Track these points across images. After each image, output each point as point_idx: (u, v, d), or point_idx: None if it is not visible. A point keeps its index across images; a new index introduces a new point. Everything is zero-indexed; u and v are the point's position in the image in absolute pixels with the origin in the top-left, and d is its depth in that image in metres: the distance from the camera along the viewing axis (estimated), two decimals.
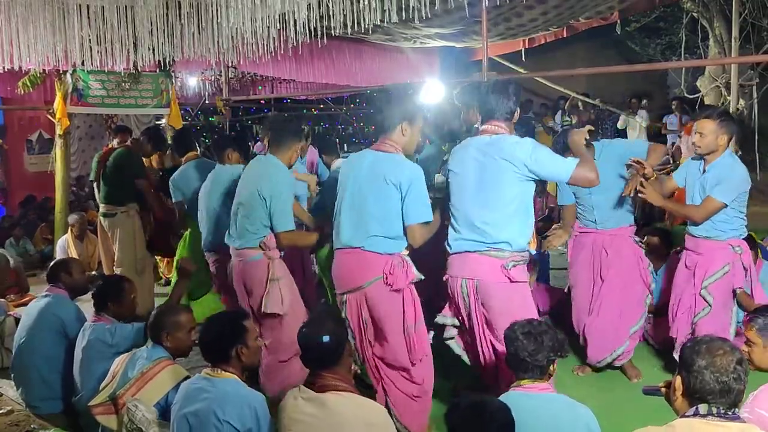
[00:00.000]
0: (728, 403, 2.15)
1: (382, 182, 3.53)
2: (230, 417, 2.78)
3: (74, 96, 7.87)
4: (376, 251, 3.54)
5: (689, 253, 4.36)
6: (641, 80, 13.54)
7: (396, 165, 3.55)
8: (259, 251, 4.06)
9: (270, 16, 4.65)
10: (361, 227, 3.56)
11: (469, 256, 3.48)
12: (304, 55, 9.29)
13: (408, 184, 3.49)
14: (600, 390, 4.52)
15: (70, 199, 8.89)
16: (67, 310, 4.33)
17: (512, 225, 3.42)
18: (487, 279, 3.43)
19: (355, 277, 3.59)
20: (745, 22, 9.99)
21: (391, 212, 3.53)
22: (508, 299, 3.43)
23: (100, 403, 3.38)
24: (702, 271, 4.23)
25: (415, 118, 3.65)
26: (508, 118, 3.57)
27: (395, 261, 3.55)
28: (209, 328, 3.06)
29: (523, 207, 3.47)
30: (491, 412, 2.45)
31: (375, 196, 3.55)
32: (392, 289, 3.54)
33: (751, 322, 2.91)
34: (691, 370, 2.18)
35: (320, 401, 2.75)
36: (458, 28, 7.54)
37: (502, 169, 3.41)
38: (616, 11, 8.34)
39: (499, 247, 3.41)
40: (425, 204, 3.56)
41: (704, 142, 4.12)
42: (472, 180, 3.50)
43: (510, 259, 3.40)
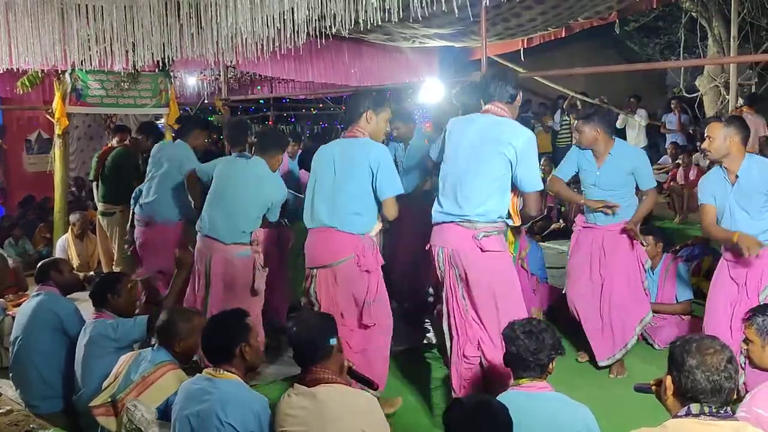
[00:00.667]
0: (720, 401, 2.14)
1: (353, 164, 3.82)
2: (232, 419, 2.76)
3: (73, 96, 7.87)
4: (349, 231, 3.80)
5: (733, 265, 4.13)
6: (640, 80, 13.54)
7: (364, 145, 3.86)
8: (247, 247, 4.50)
9: (269, 15, 4.64)
10: (336, 208, 3.83)
11: (445, 226, 3.66)
12: (303, 54, 9.28)
13: (377, 162, 3.79)
14: (599, 389, 4.52)
15: (68, 200, 8.89)
16: (62, 306, 4.33)
17: (489, 201, 3.57)
18: (459, 247, 3.59)
19: (327, 255, 3.85)
20: (743, 21, 9.99)
21: (365, 191, 3.81)
22: (482, 268, 3.57)
23: (101, 404, 3.38)
24: (755, 281, 4.04)
25: (379, 107, 3.95)
26: (509, 101, 3.71)
27: (366, 243, 3.83)
28: (213, 327, 3.04)
29: (504, 186, 3.61)
30: (490, 412, 2.45)
31: (348, 177, 3.83)
32: (362, 270, 3.80)
33: (750, 321, 2.92)
34: (681, 369, 2.17)
35: (311, 394, 2.77)
36: (457, 29, 7.54)
37: (496, 149, 3.56)
38: (615, 11, 8.34)
39: (472, 218, 3.56)
40: (395, 178, 3.86)
41: (714, 145, 4.06)
42: (466, 154, 3.64)
43: (481, 230, 3.55)
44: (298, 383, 2.85)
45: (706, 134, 4.15)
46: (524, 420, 2.65)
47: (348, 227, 3.80)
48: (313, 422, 2.73)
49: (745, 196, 4.04)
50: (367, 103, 3.93)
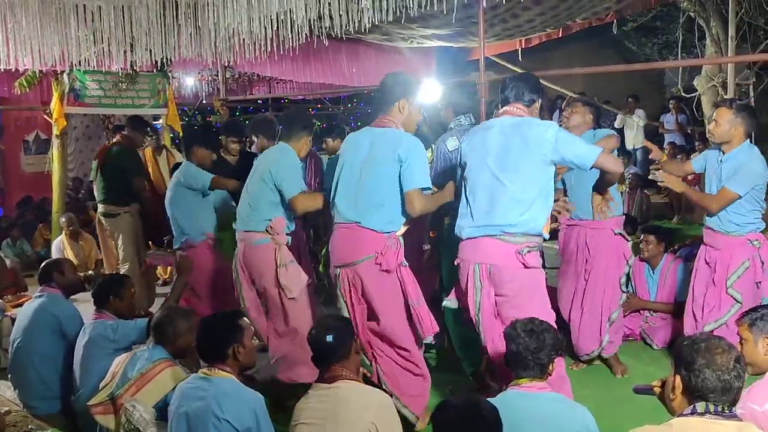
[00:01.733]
0: (728, 400, 2.15)
1: (382, 156, 3.57)
2: (229, 416, 2.78)
3: (71, 96, 7.85)
4: (373, 228, 3.58)
5: (708, 249, 4.32)
6: (638, 80, 13.56)
7: (395, 137, 3.60)
8: (265, 235, 4.13)
9: (267, 16, 4.65)
10: (360, 203, 3.61)
11: (483, 241, 3.40)
12: (302, 55, 9.28)
13: (406, 154, 3.52)
14: (597, 389, 4.52)
15: (66, 200, 8.89)
16: (63, 309, 4.33)
17: (531, 209, 3.34)
18: (502, 264, 3.36)
19: (348, 253, 3.64)
20: (741, 21, 9.98)
21: (391, 186, 3.57)
22: (523, 286, 3.38)
23: (100, 403, 3.38)
24: (723, 268, 4.20)
25: (413, 95, 3.68)
26: (527, 104, 3.52)
27: (389, 242, 3.60)
28: (206, 327, 3.06)
29: (545, 191, 3.39)
30: (479, 413, 2.45)
31: (375, 170, 3.59)
32: (381, 269, 3.58)
33: (743, 319, 2.93)
34: (692, 368, 2.17)
35: (329, 388, 2.86)
36: (455, 29, 7.53)
37: (527, 150, 3.33)
38: (613, 11, 8.35)
39: (514, 231, 3.33)
40: (424, 172, 3.59)
41: (718, 130, 4.12)
42: (494, 162, 3.40)
43: (525, 245, 3.33)
44: (317, 382, 2.93)
45: (713, 116, 4.18)
46: (523, 420, 2.66)
47: (371, 224, 3.57)
48: (326, 413, 2.80)
49: (724, 177, 4.14)
50: (401, 90, 3.63)
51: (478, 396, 2.64)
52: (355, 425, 2.74)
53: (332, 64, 10.22)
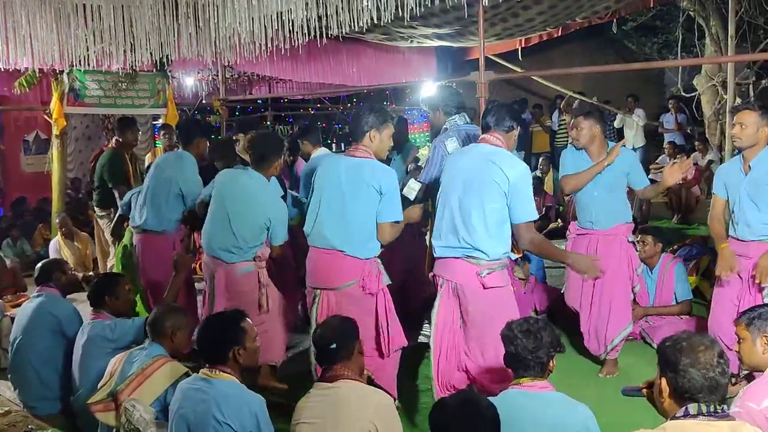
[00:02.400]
0: (717, 398, 2.13)
1: (363, 186, 3.77)
2: (230, 419, 2.77)
3: (71, 96, 7.86)
4: (356, 256, 3.76)
5: (738, 259, 4.14)
6: (638, 79, 13.56)
7: (374, 169, 3.80)
8: (251, 263, 4.44)
9: (267, 15, 4.64)
10: (343, 230, 3.79)
11: (449, 261, 3.64)
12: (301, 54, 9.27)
13: (387, 188, 3.76)
14: (597, 389, 4.52)
15: (66, 200, 8.88)
16: (62, 308, 4.33)
17: (490, 236, 3.53)
18: (464, 282, 3.57)
19: (332, 278, 3.82)
20: (741, 20, 9.98)
21: (371, 215, 3.78)
22: (484, 304, 3.56)
23: (100, 401, 3.38)
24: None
25: (382, 124, 3.88)
26: (506, 131, 3.69)
27: (371, 267, 3.80)
28: (207, 328, 3.05)
29: (503, 218, 3.56)
30: (476, 411, 2.45)
31: (356, 200, 3.78)
32: (366, 293, 3.77)
33: (741, 318, 2.93)
34: (677, 369, 2.15)
35: (330, 387, 2.89)
36: (455, 28, 7.53)
37: (490, 181, 3.53)
38: (613, 11, 8.35)
39: (475, 255, 3.53)
40: (398, 205, 3.84)
41: (745, 133, 4.04)
42: (461, 186, 3.62)
43: (485, 267, 3.52)
44: (319, 381, 2.96)
45: (737, 121, 4.10)
46: (525, 419, 2.66)
47: (355, 252, 3.77)
48: (327, 412, 2.81)
49: (755, 187, 4.05)
50: (370, 121, 3.86)
51: (475, 394, 2.64)
52: (356, 424, 2.74)
53: (332, 64, 10.23)
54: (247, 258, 4.43)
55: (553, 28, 8.85)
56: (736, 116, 4.15)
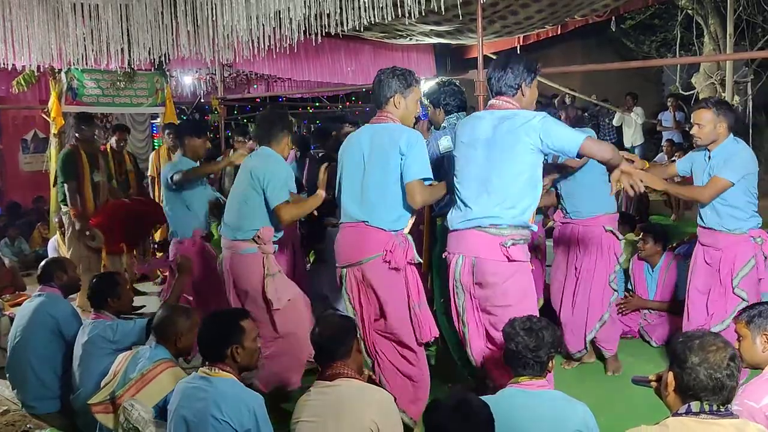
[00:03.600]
0: (721, 399, 2.12)
1: (384, 151, 3.55)
2: (229, 417, 2.76)
3: (69, 95, 7.85)
4: (380, 227, 3.56)
5: (707, 249, 4.25)
6: (637, 77, 13.55)
7: (394, 131, 3.58)
8: (252, 244, 4.09)
9: (265, 14, 4.64)
10: (366, 201, 3.59)
11: (467, 233, 3.39)
12: (300, 53, 9.28)
13: (407, 146, 3.50)
14: (595, 386, 4.52)
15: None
16: (61, 309, 4.31)
17: (518, 200, 3.33)
18: (484, 256, 3.34)
19: (355, 252, 3.61)
20: (739, 18, 10.00)
21: (396, 181, 3.55)
22: (505, 278, 3.34)
23: (100, 402, 3.37)
24: (727, 267, 4.15)
25: (407, 89, 3.67)
26: (512, 93, 3.44)
27: (397, 240, 3.57)
28: (207, 325, 3.04)
29: (533, 181, 3.36)
30: (471, 411, 2.44)
31: (379, 167, 3.57)
32: (391, 267, 3.55)
33: (741, 316, 2.93)
34: (684, 366, 2.15)
35: (330, 386, 2.88)
36: (454, 26, 7.53)
37: (514, 140, 3.30)
38: (611, 8, 8.35)
39: (499, 222, 3.31)
40: (425, 163, 3.56)
41: (703, 132, 4.11)
42: (482, 154, 3.39)
43: (509, 237, 3.30)
44: (319, 379, 2.94)
45: (694, 120, 4.17)
46: (523, 417, 2.66)
47: (378, 222, 3.55)
48: (328, 410, 2.80)
49: (714, 173, 4.12)
50: (394, 86, 3.63)
51: (469, 394, 2.63)
52: (356, 423, 2.74)
53: (331, 62, 10.23)
54: (244, 237, 4.10)
55: (552, 26, 8.85)
56: (693, 116, 4.21)
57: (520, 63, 3.43)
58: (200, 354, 3.03)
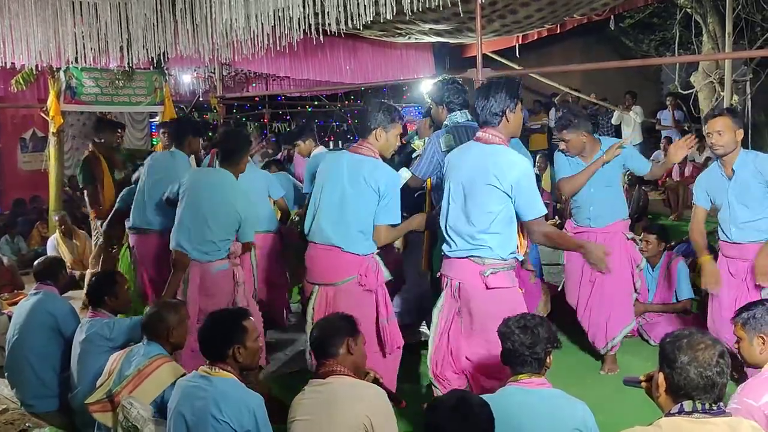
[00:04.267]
0: (713, 398, 2.11)
1: (363, 184, 3.72)
2: (228, 417, 2.76)
3: (67, 94, 7.85)
4: (354, 252, 3.73)
5: (733, 261, 4.18)
6: (636, 76, 13.56)
7: (375, 169, 3.74)
8: (225, 261, 4.36)
9: (264, 12, 4.64)
10: (341, 226, 3.75)
11: (454, 261, 3.56)
12: (299, 51, 9.27)
13: (386, 190, 3.72)
14: (595, 385, 4.53)
15: (63, 199, 8.87)
16: (59, 307, 4.32)
17: (494, 235, 3.43)
18: (467, 282, 3.49)
19: (330, 274, 3.78)
20: (738, 17, 10.00)
21: (370, 213, 3.74)
22: (485, 305, 3.46)
23: (97, 401, 3.37)
24: (753, 273, 4.07)
25: (390, 125, 3.82)
26: (497, 122, 3.46)
27: (369, 263, 3.77)
28: (208, 325, 3.04)
29: (507, 219, 3.46)
30: (470, 410, 2.44)
31: (355, 197, 3.73)
32: (364, 289, 3.74)
33: (737, 318, 2.93)
34: (674, 366, 2.14)
35: (322, 384, 2.88)
36: (453, 24, 7.54)
37: (489, 184, 3.40)
38: (610, 7, 8.35)
39: (480, 254, 3.44)
40: (396, 209, 3.79)
41: (724, 139, 4.07)
42: (465, 186, 3.51)
43: (489, 267, 3.42)
44: (313, 378, 2.95)
45: (713, 129, 4.10)
46: (522, 415, 2.66)
47: (354, 248, 3.73)
48: (321, 408, 2.81)
49: (744, 189, 4.07)
50: (378, 119, 3.80)
51: (468, 392, 2.64)
52: (349, 419, 2.74)
53: (329, 61, 10.22)
54: (221, 256, 4.33)
55: (551, 25, 8.85)
56: (709, 124, 4.14)
57: (501, 90, 3.44)
58: (202, 353, 3.03)
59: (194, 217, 4.32)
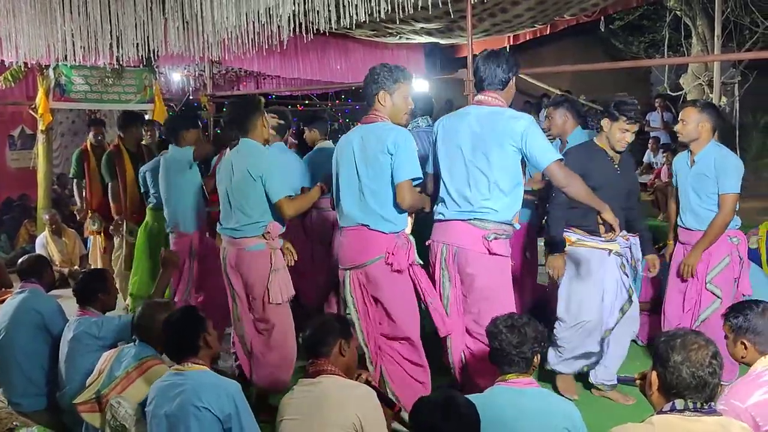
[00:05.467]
0: (704, 397, 2.15)
1: (374, 153, 3.56)
2: (209, 404, 2.79)
3: (56, 91, 7.83)
4: (380, 230, 3.58)
5: (686, 247, 4.36)
6: (625, 78, 13.62)
7: (382, 131, 3.57)
8: (261, 240, 4.00)
9: (255, 10, 4.63)
10: (364, 204, 3.60)
11: (452, 224, 3.50)
12: (289, 50, 9.26)
13: (394, 146, 3.51)
14: (583, 384, 4.54)
15: (53, 196, 8.82)
16: (46, 304, 4.29)
17: (501, 197, 3.43)
18: (467, 247, 3.44)
19: (357, 255, 3.64)
20: (727, 20, 10.06)
21: (387, 184, 3.56)
22: (486, 271, 3.45)
23: (86, 401, 3.36)
24: (703, 264, 4.24)
25: (393, 86, 3.64)
26: (500, 88, 3.56)
27: (399, 241, 3.60)
28: (171, 326, 3.05)
29: (516, 179, 3.48)
30: (456, 410, 2.46)
31: (371, 172, 3.58)
32: (393, 269, 3.57)
33: (727, 315, 2.94)
34: (666, 365, 2.18)
35: (312, 383, 2.88)
36: (444, 24, 7.55)
37: (501, 138, 3.41)
38: (601, 8, 8.38)
39: (484, 217, 3.41)
40: (413, 162, 3.55)
41: (686, 129, 4.26)
42: (467, 149, 3.48)
43: (492, 231, 3.41)
44: (303, 377, 2.96)
45: (680, 117, 4.33)
46: (510, 415, 2.66)
47: (379, 225, 3.56)
48: (311, 407, 2.81)
49: (699, 179, 4.25)
50: (381, 82, 3.60)
51: (454, 392, 2.65)
52: (339, 419, 2.74)
53: (320, 60, 10.20)
54: (254, 233, 3.97)
55: (541, 24, 8.88)
56: (680, 113, 4.37)
57: (508, 57, 3.58)
58: (169, 356, 3.06)
59: (227, 189, 4.08)
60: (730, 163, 4.22)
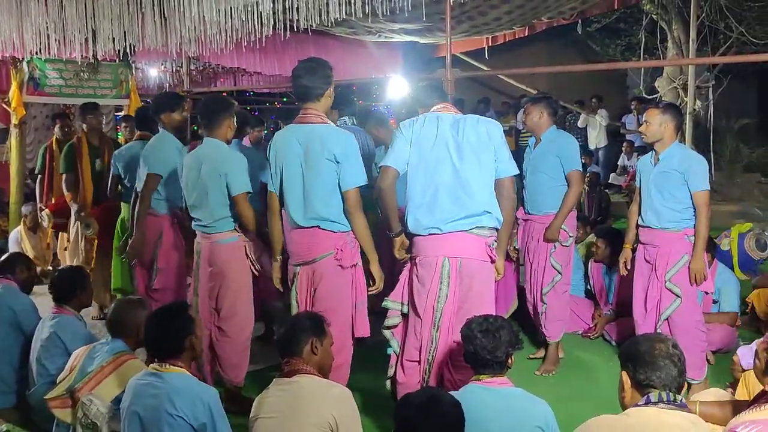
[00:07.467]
0: (675, 384, 2.29)
1: (318, 158, 3.55)
2: (183, 412, 2.74)
3: (30, 85, 7.70)
4: (330, 230, 3.62)
5: (646, 247, 4.43)
6: (602, 80, 13.74)
7: (327, 137, 3.57)
8: (234, 234, 4.14)
9: (234, 6, 4.61)
10: (311, 208, 3.60)
11: (453, 236, 3.44)
12: (268, 47, 9.20)
13: (342, 154, 3.53)
14: (556, 384, 4.58)
15: (26, 191, 8.70)
16: (20, 302, 4.24)
17: (493, 200, 3.48)
18: (473, 257, 3.44)
19: (308, 251, 3.66)
20: (702, 24, 10.18)
21: (334, 189, 3.59)
22: (488, 279, 3.52)
23: (57, 396, 3.32)
24: (663, 262, 4.30)
25: (332, 84, 3.70)
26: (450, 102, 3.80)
27: (348, 239, 3.66)
28: (158, 323, 2.99)
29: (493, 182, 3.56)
30: (440, 409, 2.47)
31: (319, 177, 3.58)
32: (340, 265, 3.62)
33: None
34: (634, 359, 2.33)
35: (287, 382, 2.87)
36: (424, 24, 7.56)
37: (483, 143, 3.48)
38: (578, 12, 8.46)
39: (483, 224, 3.45)
40: (359, 168, 3.60)
41: (649, 129, 4.36)
42: (452, 156, 3.48)
43: (492, 238, 3.48)
44: (278, 377, 2.93)
45: (644, 119, 4.44)
46: (485, 414, 2.68)
47: (328, 226, 3.61)
48: (286, 407, 2.79)
49: (663, 177, 4.31)
50: (328, 79, 3.66)
51: (438, 390, 2.65)
52: (315, 418, 2.74)
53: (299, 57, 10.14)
54: (227, 228, 4.10)
55: (519, 27, 8.94)
56: (644, 115, 4.51)
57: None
58: (151, 353, 3.00)
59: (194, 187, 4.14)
60: (695, 161, 4.30)
